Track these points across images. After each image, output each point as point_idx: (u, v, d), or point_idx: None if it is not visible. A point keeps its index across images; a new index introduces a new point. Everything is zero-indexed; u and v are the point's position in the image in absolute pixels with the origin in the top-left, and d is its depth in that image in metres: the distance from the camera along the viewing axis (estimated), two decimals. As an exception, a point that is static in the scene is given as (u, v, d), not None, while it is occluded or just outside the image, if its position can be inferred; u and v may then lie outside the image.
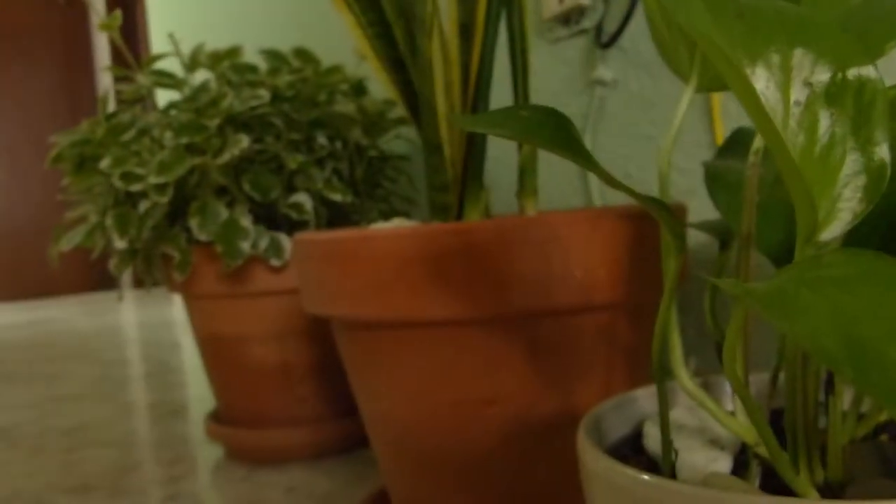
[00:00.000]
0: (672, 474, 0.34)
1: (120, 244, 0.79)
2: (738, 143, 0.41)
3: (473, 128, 0.28)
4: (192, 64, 0.87)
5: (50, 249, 0.88)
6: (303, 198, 0.82)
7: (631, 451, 0.37)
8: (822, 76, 0.21)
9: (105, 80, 3.76)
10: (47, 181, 3.78)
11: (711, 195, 0.36)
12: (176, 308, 2.61)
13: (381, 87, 1.12)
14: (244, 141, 0.76)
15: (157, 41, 2.53)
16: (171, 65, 1.82)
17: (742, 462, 0.35)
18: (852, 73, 0.21)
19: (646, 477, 0.28)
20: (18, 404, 1.35)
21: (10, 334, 2.39)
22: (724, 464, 0.35)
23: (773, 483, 0.33)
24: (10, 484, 0.90)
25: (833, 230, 0.21)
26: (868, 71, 0.23)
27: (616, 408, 0.39)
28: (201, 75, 0.92)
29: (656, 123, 0.69)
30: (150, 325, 2.32)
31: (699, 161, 0.66)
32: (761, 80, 0.21)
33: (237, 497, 0.80)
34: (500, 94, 0.86)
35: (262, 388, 0.88)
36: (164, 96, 1.93)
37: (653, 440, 0.37)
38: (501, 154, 0.89)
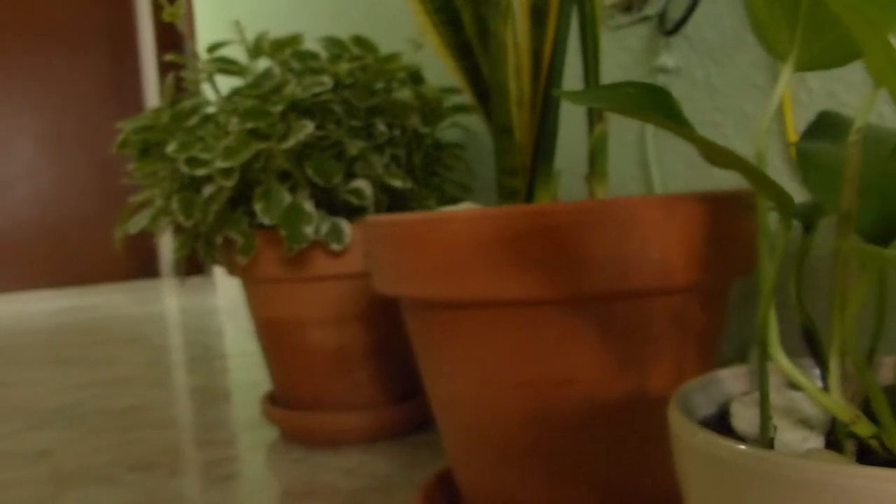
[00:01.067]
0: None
1: (186, 225, 0.80)
2: (826, 125, 0.41)
3: (583, 102, 0.29)
4: (254, 51, 0.88)
5: (115, 232, 0.90)
6: (363, 184, 0.83)
7: (719, 430, 0.38)
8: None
9: (149, 72, 3.82)
10: (92, 172, 3.85)
11: (804, 175, 0.36)
12: (219, 296, 2.64)
13: (435, 75, 1.12)
14: (309, 126, 0.77)
15: (203, 31, 2.57)
16: (229, 52, 1.84)
17: (831, 443, 0.35)
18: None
19: (750, 449, 0.28)
20: (76, 385, 1.38)
21: (62, 319, 2.45)
22: (816, 443, 0.35)
23: (867, 463, 0.33)
24: (77, 460, 0.93)
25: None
26: None
27: (701, 388, 0.39)
28: (256, 63, 0.94)
29: (722, 110, 0.69)
30: (194, 312, 2.36)
31: (768, 149, 0.66)
32: (893, 51, 0.21)
33: (295, 477, 0.81)
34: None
35: (320, 371, 0.89)
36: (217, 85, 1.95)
37: (741, 419, 0.37)
38: (563, 142, 0.89)
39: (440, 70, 1.11)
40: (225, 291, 2.55)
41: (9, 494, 0.83)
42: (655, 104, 0.29)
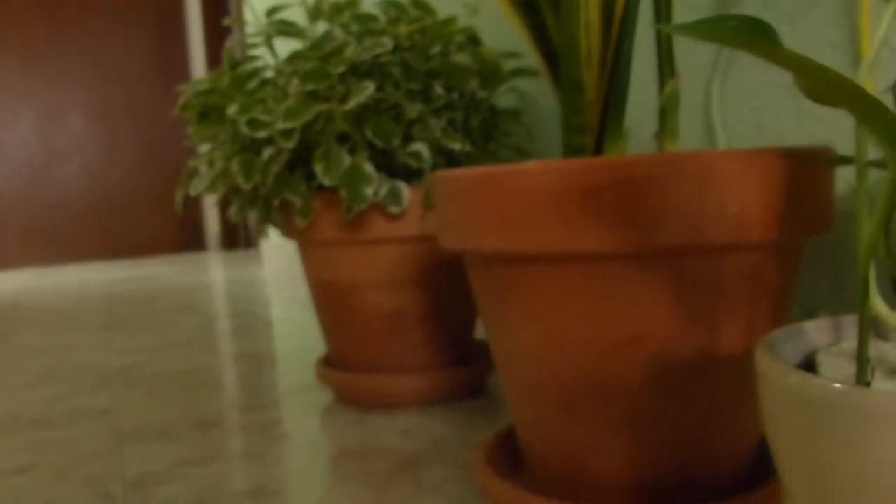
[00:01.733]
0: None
1: (245, 187, 0.81)
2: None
3: (686, 34, 0.28)
4: (314, 14, 0.89)
5: (176, 195, 0.92)
6: (421, 146, 0.83)
7: (804, 379, 0.37)
8: None
9: (196, 46, 3.86)
10: (141, 144, 3.92)
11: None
12: (266, 268, 2.68)
13: (490, 41, 1.11)
14: (370, 88, 0.77)
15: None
16: (285, 16, 1.84)
17: (924, 393, 0.34)
18: None
19: (851, 387, 0.28)
20: (132, 349, 1.42)
21: (114, 288, 2.51)
22: (909, 392, 0.34)
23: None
24: (138, 418, 0.95)
25: None
26: None
27: (786, 338, 0.39)
28: (315, 26, 0.94)
29: (794, 70, 0.67)
30: (242, 283, 2.39)
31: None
32: None
33: (351, 438, 0.82)
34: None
35: (375, 334, 0.90)
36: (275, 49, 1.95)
37: (828, 368, 0.36)
38: (630, 102, 0.87)
39: (495, 36, 1.10)
40: (271, 263, 2.58)
41: (77, 448, 0.85)
42: (758, 34, 0.29)
